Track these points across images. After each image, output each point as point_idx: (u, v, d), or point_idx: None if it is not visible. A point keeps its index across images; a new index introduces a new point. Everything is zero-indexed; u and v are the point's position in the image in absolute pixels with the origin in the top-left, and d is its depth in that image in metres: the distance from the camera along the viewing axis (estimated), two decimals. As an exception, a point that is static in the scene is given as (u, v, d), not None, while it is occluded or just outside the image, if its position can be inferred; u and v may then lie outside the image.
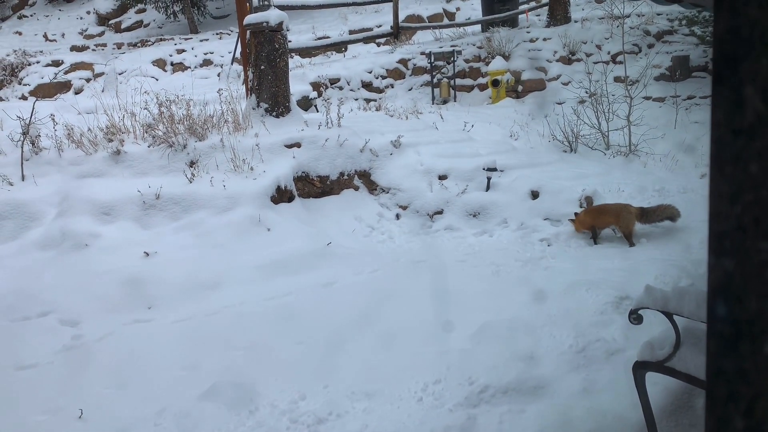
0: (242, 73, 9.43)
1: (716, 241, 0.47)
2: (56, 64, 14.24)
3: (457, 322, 3.85)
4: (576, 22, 12.43)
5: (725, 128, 0.46)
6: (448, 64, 11.48)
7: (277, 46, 6.79)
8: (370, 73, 11.86)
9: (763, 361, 0.45)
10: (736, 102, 0.46)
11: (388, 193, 6.70)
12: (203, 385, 3.30)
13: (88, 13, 20.35)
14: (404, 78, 11.98)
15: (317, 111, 9.75)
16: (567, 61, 11.16)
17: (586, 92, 8.48)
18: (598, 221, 5.56)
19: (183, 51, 14.94)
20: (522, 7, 13.70)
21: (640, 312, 2.58)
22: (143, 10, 19.43)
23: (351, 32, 14.91)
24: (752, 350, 0.46)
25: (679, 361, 2.44)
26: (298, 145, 6.59)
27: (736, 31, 0.45)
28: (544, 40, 11.65)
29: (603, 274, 4.61)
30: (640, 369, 2.58)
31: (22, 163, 6.07)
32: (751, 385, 0.46)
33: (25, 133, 6.20)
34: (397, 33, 13.01)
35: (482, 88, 11.37)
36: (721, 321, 0.47)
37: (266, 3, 7.10)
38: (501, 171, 6.80)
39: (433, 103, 10.96)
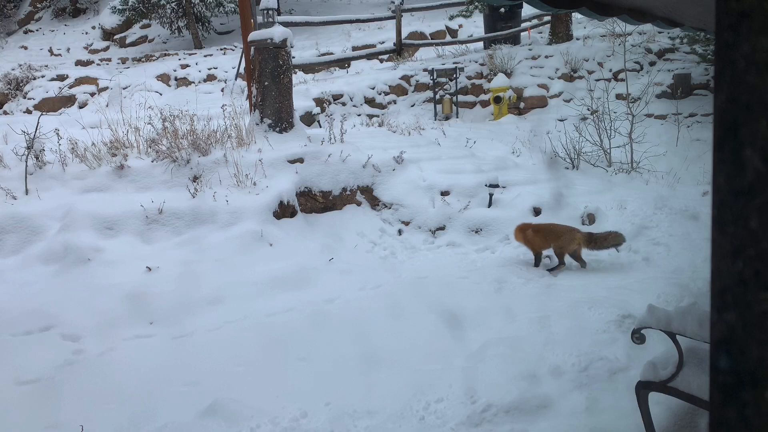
0: (246, 88, 9.50)
1: (718, 298, 0.49)
2: (61, 78, 14.35)
3: (460, 339, 3.85)
4: (578, 39, 12.52)
5: (726, 191, 0.48)
6: (451, 80, 11.56)
7: (281, 62, 6.85)
8: (373, 89, 11.94)
9: (765, 406, 0.46)
10: (736, 164, 0.47)
11: (390, 208, 6.71)
12: (204, 402, 3.29)
13: (94, 28, 20.53)
14: (407, 94, 12.05)
15: (320, 127, 9.81)
16: (569, 78, 11.23)
17: (588, 109, 8.52)
18: (544, 243, 5.39)
19: (187, 66, 15.06)
20: (524, 25, 13.82)
21: (642, 331, 2.58)
22: (148, 26, 19.61)
23: (354, 48, 15.04)
24: (754, 396, 0.47)
25: (681, 382, 2.44)
26: (300, 160, 6.62)
27: (736, 100, 0.47)
28: (546, 57, 11.73)
29: (605, 292, 4.61)
30: (643, 389, 2.58)
31: (26, 177, 6.11)
32: (753, 430, 0.47)
33: (29, 147, 6.24)
34: (400, 50, 13.11)
35: (484, 104, 11.44)
36: (723, 372, 0.48)
37: (270, 20, 7.17)
38: (503, 187, 6.82)
39: (435, 120, 11.02)
